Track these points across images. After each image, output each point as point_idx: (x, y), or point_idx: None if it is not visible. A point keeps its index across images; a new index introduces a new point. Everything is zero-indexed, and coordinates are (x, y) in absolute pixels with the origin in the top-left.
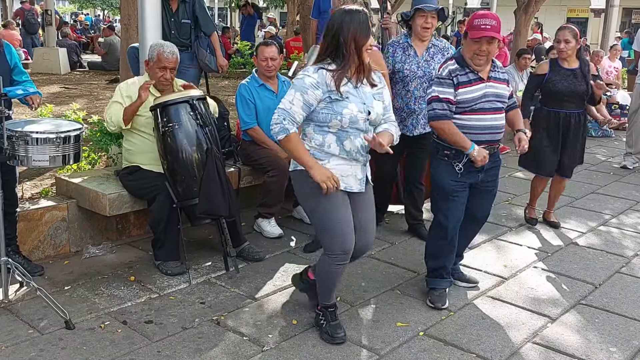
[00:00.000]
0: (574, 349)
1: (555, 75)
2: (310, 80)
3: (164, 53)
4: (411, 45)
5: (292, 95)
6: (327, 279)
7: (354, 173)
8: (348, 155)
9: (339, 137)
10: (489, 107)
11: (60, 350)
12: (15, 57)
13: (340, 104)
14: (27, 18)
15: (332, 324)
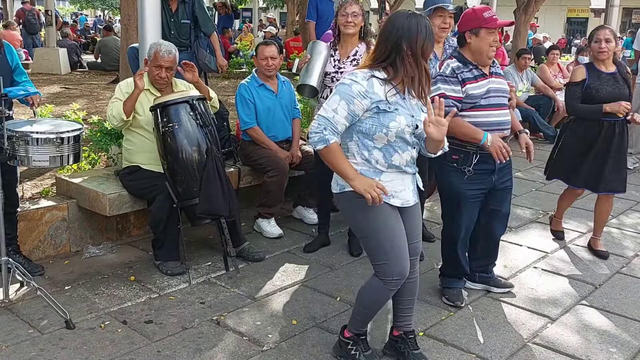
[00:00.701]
0: (573, 350)
1: (595, 81)
2: (358, 88)
3: (160, 52)
4: None
5: (336, 103)
6: (373, 304)
7: (407, 186)
8: (397, 169)
9: (386, 152)
10: (495, 103)
11: (60, 350)
12: (16, 58)
13: (387, 116)
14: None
15: (367, 354)
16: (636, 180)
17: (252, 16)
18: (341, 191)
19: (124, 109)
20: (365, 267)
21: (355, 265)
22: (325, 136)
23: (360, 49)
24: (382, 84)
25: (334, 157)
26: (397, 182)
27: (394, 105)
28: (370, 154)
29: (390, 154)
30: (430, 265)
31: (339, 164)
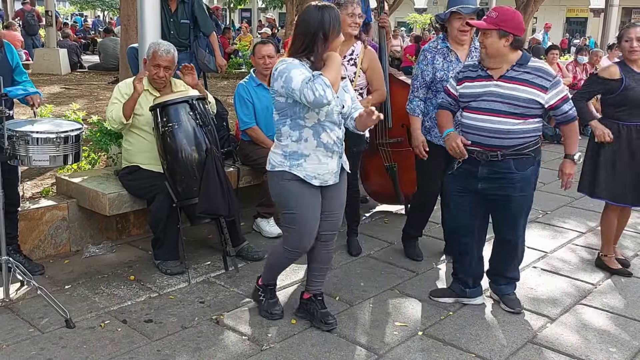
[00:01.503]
0: (573, 349)
1: (631, 82)
2: (294, 62)
3: (159, 51)
4: (451, 50)
5: (297, 71)
6: (276, 265)
7: (330, 169)
8: (326, 149)
9: (316, 130)
10: (486, 108)
11: (60, 349)
12: (16, 58)
13: None
14: (27, 19)
15: (271, 302)
16: None
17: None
18: (272, 170)
19: (124, 111)
20: (364, 267)
21: (354, 265)
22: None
23: (357, 48)
24: (308, 69)
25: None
26: (322, 165)
27: None
28: (302, 133)
29: (319, 132)
30: (430, 265)
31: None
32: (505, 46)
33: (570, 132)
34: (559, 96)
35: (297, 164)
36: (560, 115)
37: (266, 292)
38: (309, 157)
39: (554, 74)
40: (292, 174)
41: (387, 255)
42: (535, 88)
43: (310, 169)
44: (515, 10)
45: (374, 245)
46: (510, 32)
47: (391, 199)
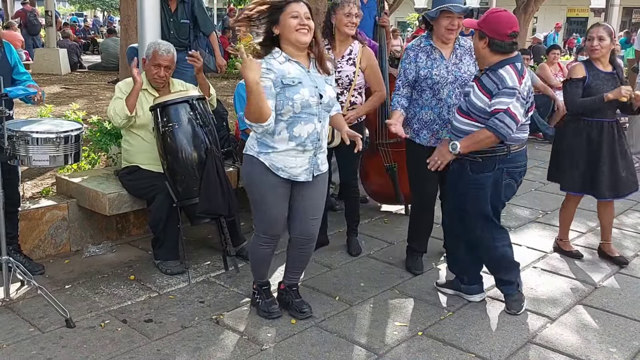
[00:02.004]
0: (573, 349)
1: (595, 80)
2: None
3: (159, 51)
4: (435, 48)
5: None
6: (256, 257)
7: (300, 164)
8: (297, 142)
9: (290, 123)
10: (460, 105)
11: (60, 349)
12: (15, 57)
13: (291, 89)
14: (28, 19)
15: (267, 301)
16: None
17: None
18: (244, 152)
19: (127, 104)
20: (364, 267)
21: (353, 264)
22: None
23: (355, 48)
24: (282, 62)
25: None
26: (290, 159)
27: (297, 78)
28: (277, 126)
29: (294, 125)
30: (430, 265)
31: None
32: (483, 48)
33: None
34: (495, 106)
35: (265, 153)
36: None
37: (261, 293)
38: (277, 150)
39: (509, 85)
40: (258, 160)
41: (387, 255)
42: (487, 95)
43: (276, 160)
44: (504, 15)
45: (374, 245)
46: (486, 35)
47: (391, 199)
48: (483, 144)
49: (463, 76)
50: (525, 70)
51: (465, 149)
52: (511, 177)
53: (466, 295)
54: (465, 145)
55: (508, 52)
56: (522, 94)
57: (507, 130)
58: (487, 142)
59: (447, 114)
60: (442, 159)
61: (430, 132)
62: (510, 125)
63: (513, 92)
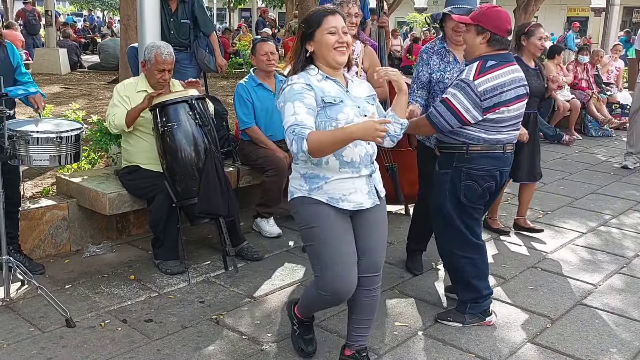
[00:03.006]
0: (573, 350)
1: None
2: (299, 85)
3: (162, 55)
4: (449, 51)
5: (291, 108)
6: (312, 305)
7: (359, 187)
8: (351, 168)
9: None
10: None
11: (61, 349)
12: (18, 58)
13: (334, 109)
14: (28, 19)
15: (306, 338)
16: (637, 180)
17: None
18: (291, 198)
19: (127, 120)
20: None
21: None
22: (299, 134)
23: (356, 48)
24: (319, 80)
25: (320, 140)
26: (347, 184)
27: (338, 98)
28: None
29: (341, 150)
30: (429, 265)
31: (329, 138)
32: (481, 43)
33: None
34: (443, 95)
35: (317, 187)
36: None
37: (301, 327)
38: (330, 180)
39: (462, 77)
40: (313, 198)
41: (387, 255)
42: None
43: (332, 191)
44: (503, 11)
45: None
46: (487, 29)
47: (391, 199)
48: (420, 131)
49: None
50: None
51: (409, 129)
52: (471, 179)
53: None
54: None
55: (505, 47)
56: (474, 89)
57: (440, 120)
58: (423, 130)
59: None
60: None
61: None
62: (445, 116)
63: (461, 84)
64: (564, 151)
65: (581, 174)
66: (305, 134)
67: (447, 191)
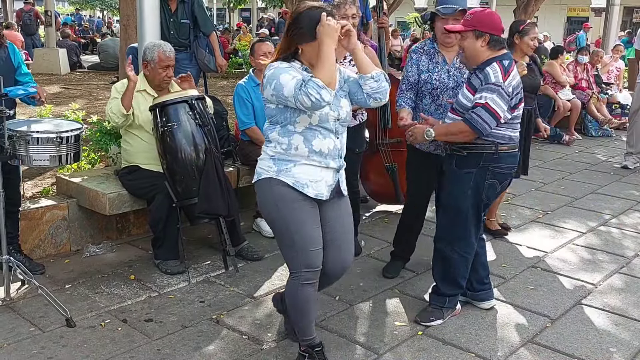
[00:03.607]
0: (573, 349)
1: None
2: (285, 64)
3: (165, 52)
4: (439, 52)
5: (287, 77)
6: (298, 306)
7: (324, 178)
8: (319, 157)
9: (306, 137)
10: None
11: (61, 348)
12: (19, 58)
13: None
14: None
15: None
16: (637, 180)
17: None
18: (258, 179)
19: (123, 103)
20: (363, 267)
21: (353, 264)
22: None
23: None
24: (300, 70)
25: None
26: (315, 171)
27: None
28: (291, 140)
29: (311, 138)
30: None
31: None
32: (482, 47)
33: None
34: (475, 101)
35: (286, 169)
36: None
37: (313, 357)
38: (299, 163)
39: (492, 81)
40: (279, 180)
41: (387, 255)
42: (471, 91)
43: (300, 175)
44: (493, 11)
45: (374, 245)
46: (486, 32)
47: (391, 199)
48: (458, 137)
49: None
50: (513, 66)
51: (439, 136)
52: (495, 177)
53: (475, 302)
54: (440, 133)
55: (503, 46)
56: (505, 90)
57: (484, 125)
58: (462, 136)
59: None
60: (413, 139)
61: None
62: (488, 120)
63: (494, 87)
64: (564, 151)
65: (581, 174)
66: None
67: (469, 190)
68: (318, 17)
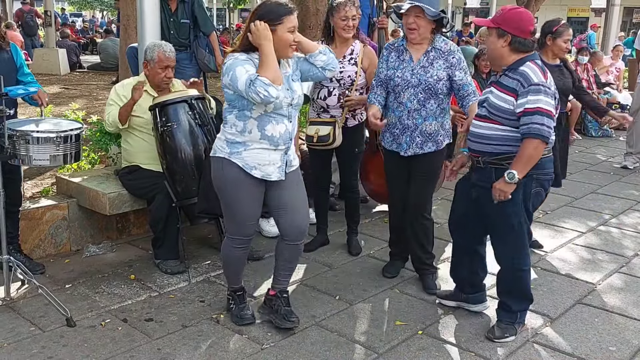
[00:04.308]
0: (573, 348)
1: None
2: (241, 58)
3: (165, 52)
4: (406, 49)
5: (242, 69)
6: (229, 261)
7: (273, 161)
8: (270, 141)
9: (260, 122)
10: (479, 112)
11: (61, 348)
12: (21, 58)
13: None
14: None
15: (241, 306)
16: (636, 180)
17: None
18: (212, 155)
19: (120, 117)
20: (364, 266)
21: (354, 264)
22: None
23: (355, 47)
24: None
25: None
26: (263, 155)
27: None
28: (246, 124)
29: (265, 124)
30: None
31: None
32: (503, 47)
33: (520, 148)
34: (522, 107)
35: (237, 152)
36: (520, 126)
37: (235, 299)
38: (250, 147)
39: (535, 81)
40: (231, 161)
41: (387, 254)
42: (511, 94)
43: (249, 158)
44: (525, 12)
45: (374, 245)
46: (508, 32)
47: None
48: (536, 156)
49: (429, 80)
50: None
51: (522, 172)
52: (540, 184)
53: (467, 305)
54: (520, 167)
55: (530, 49)
56: (550, 89)
57: (549, 131)
58: (538, 152)
59: (407, 119)
60: (504, 195)
61: (392, 135)
62: (548, 123)
63: (540, 88)
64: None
65: (581, 174)
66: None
67: (520, 202)
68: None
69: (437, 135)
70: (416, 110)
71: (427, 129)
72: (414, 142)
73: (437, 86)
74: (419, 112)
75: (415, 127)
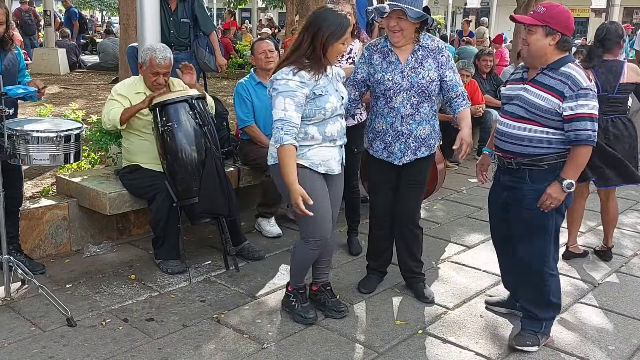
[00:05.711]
0: (572, 347)
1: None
2: (294, 82)
3: (156, 59)
4: (392, 51)
5: (282, 103)
6: (302, 263)
7: (333, 156)
8: (329, 139)
9: (319, 126)
10: (509, 111)
11: (62, 347)
12: (22, 59)
13: (322, 99)
14: (24, 19)
15: (304, 306)
16: None
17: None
18: (275, 163)
19: (121, 117)
20: (363, 267)
21: (354, 264)
22: (282, 136)
23: (354, 46)
24: (309, 72)
25: (284, 156)
26: (325, 152)
27: (325, 87)
28: (307, 131)
29: (324, 126)
30: (429, 265)
31: (287, 166)
32: (550, 45)
33: (571, 155)
34: (573, 110)
35: (302, 154)
36: (568, 131)
37: (297, 297)
38: (313, 147)
39: (584, 85)
40: (298, 163)
41: None
42: (555, 95)
43: (314, 157)
44: (566, 10)
45: None
46: (557, 31)
47: None
48: (585, 162)
49: (421, 82)
50: None
51: (574, 178)
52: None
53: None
54: (572, 174)
55: (570, 49)
56: (594, 91)
57: (595, 135)
58: (587, 159)
59: (400, 125)
60: (556, 202)
61: (383, 143)
62: (594, 128)
63: (590, 93)
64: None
65: None
66: (284, 142)
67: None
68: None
69: (430, 139)
70: (410, 116)
71: (421, 133)
72: (409, 149)
73: (430, 88)
74: (413, 117)
75: (410, 133)
